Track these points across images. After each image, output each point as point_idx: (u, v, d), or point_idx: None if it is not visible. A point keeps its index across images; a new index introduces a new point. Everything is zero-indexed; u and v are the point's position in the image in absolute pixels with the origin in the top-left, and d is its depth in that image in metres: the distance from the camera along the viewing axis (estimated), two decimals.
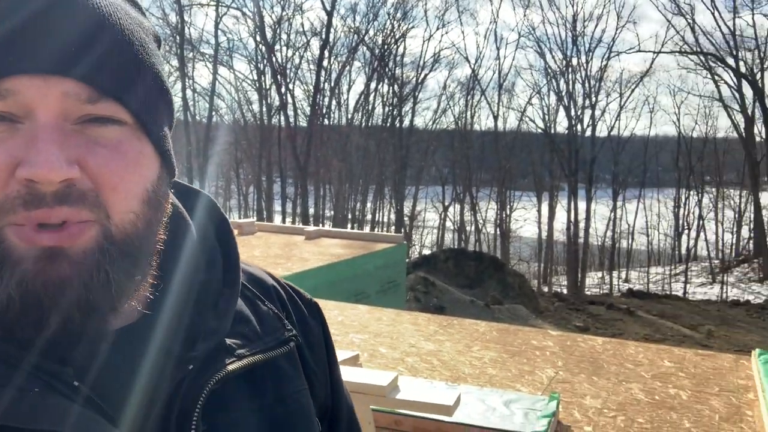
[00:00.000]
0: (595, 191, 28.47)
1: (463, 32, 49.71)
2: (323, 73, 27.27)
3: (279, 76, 26.20)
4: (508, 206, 29.92)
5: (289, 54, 27.21)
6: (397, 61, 29.34)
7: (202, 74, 45.85)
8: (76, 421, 0.54)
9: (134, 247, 0.60)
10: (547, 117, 29.13)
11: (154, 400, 0.61)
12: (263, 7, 25.56)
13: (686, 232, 32.55)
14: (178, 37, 24.61)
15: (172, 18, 25.73)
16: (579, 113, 28.00)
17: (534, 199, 30.59)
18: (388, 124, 29.68)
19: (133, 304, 0.62)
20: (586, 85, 28.28)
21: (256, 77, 27.67)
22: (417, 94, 29.99)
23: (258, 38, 26.19)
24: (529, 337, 4.44)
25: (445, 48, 36.03)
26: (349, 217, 29.94)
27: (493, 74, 35.60)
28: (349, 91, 30.55)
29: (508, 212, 29.84)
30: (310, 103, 26.95)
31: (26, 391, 0.54)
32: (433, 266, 14.08)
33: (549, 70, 28.98)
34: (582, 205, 27.24)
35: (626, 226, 32.53)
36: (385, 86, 29.86)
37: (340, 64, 28.78)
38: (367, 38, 28.70)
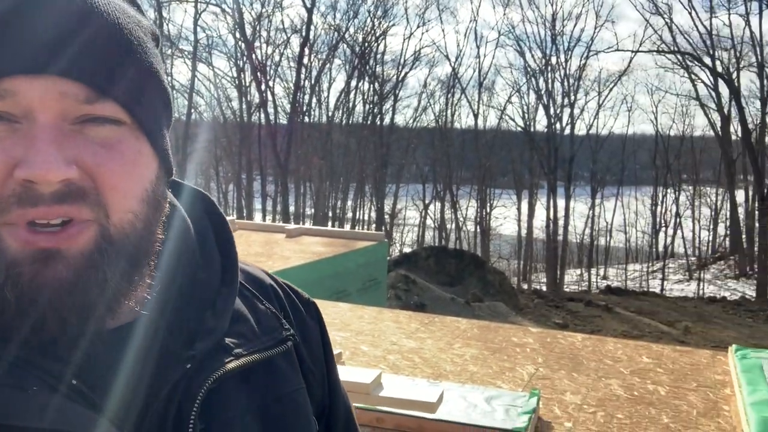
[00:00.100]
0: (574, 189, 28.71)
1: (443, 30, 49.94)
2: (303, 70, 27.19)
3: (259, 73, 26.07)
4: (488, 204, 30.06)
5: (269, 51, 27.10)
6: (378, 59, 29.35)
7: (180, 71, 45.44)
8: (74, 419, 0.54)
9: (132, 247, 0.60)
10: (526, 115, 29.31)
11: (151, 399, 0.61)
12: (243, 4, 25.45)
13: (663, 229, 32.94)
14: None
15: (150, 14, 25.49)
16: (558, 112, 28.20)
17: (514, 197, 30.77)
18: (369, 122, 29.67)
19: (130, 304, 0.62)
20: (565, 83, 28.49)
21: (235, 74, 27.51)
22: (397, 92, 30.02)
23: (237, 35, 26.05)
24: (509, 334, 4.47)
25: (426, 46, 36.19)
26: (330, 215, 29.89)
27: (474, 72, 35.75)
28: (329, 88, 30.49)
29: (488, 210, 29.97)
30: (291, 100, 26.86)
31: (25, 390, 0.54)
32: (413, 264, 14.12)
33: (528, 69, 29.16)
34: (561, 203, 27.45)
35: (604, 223, 32.86)
36: (366, 84, 29.86)
37: (321, 62, 28.72)
38: (348, 36, 28.67)
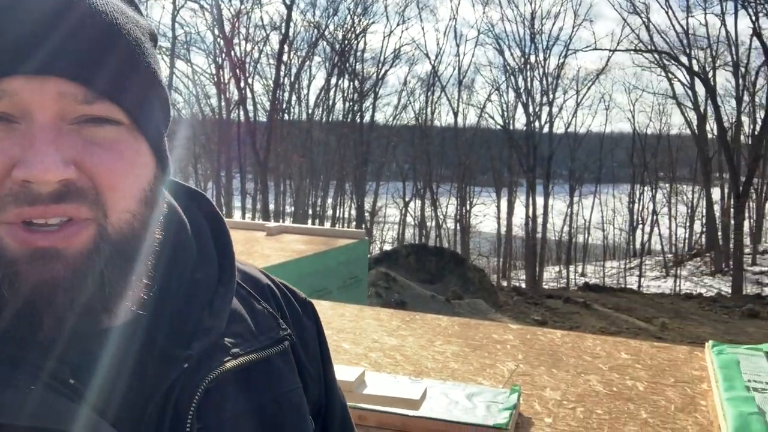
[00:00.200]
0: (553, 187, 28.92)
1: (423, 28, 50.07)
2: (283, 67, 27.07)
3: (238, 70, 25.92)
4: (468, 202, 30.19)
5: (248, 48, 26.95)
6: (358, 56, 29.33)
7: None
8: (72, 418, 0.55)
9: (130, 247, 0.60)
10: (506, 113, 29.48)
11: (149, 399, 0.61)
12: (221, 0, 25.25)
13: (640, 226, 33.33)
14: None
15: None
16: (537, 110, 28.40)
17: (493, 194, 30.94)
18: (349, 120, 29.64)
19: (128, 304, 0.62)
20: (544, 82, 28.69)
21: (214, 71, 27.32)
22: (377, 89, 30.04)
23: (216, 31, 25.87)
24: (490, 331, 4.50)
25: (406, 44, 36.14)
26: (310, 212, 29.82)
27: (453, 71, 35.81)
28: (309, 86, 30.42)
29: (468, 208, 30.10)
30: (270, 97, 26.74)
31: (23, 389, 0.54)
32: (394, 262, 14.13)
33: (508, 67, 29.32)
34: (540, 201, 27.65)
35: (583, 221, 33.18)
36: (346, 82, 29.82)
37: (300, 59, 28.63)
38: (327, 33, 28.60)
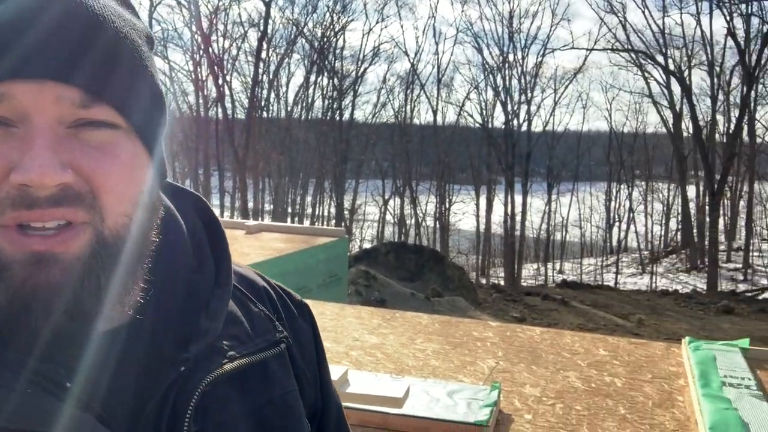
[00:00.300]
0: (531, 185, 29.11)
1: (402, 26, 50.00)
2: (261, 65, 26.93)
3: (216, 67, 25.73)
4: (447, 200, 30.28)
5: (226, 45, 26.77)
6: (337, 54, 29.27)
7: None
8: (68, 422, 0.54)
9: (127, 251, 0.60)
10: (484, 112, 29.61)
11: (145, 402, 0.61)
12: None
13: (617, 224, 33.68)
14: None
15: None
16: (515, 108, 28.55)
17: (472, 192, 31.06)
18: (328, 117, 29.57)
19: (124, 307, 0.62)
20: (522, 81, 28.86)
21: (191, 68, 27.09)
22: (357, 87, 30.00)
23: (194, 28, 25.65)
24: (470, 328, 4.52)
25: (385, 42, 36.03)
26: (289, 210, 29.72)
27: (432, 69, 35.84)
28: (288, 83, 30.30)
29: (447, 206, 30.20)
30: (249, 95, 26.58)
31: (19, 392, 0.54)
32: (374, 260, 14.14)
33: (486, 66, 29.44)
34: (518, 199, 27.81)
35: (560, 218, 33.46)
36: (325, 79, 29.75)
37: (279, 56, 28.50)
38: (306, 30, 28.51)
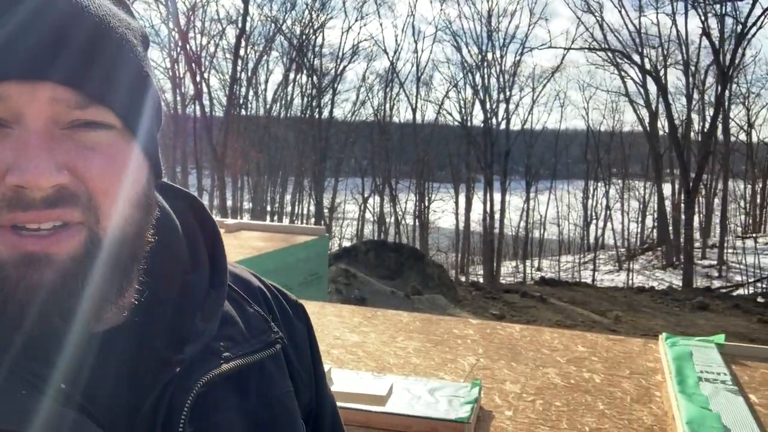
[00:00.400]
0: (510, 183, 29.28)
1: (381, 25, 49.97)
2: (240, 62, 26.77)
3: (193, 64, 25.53)
4: (427, 198, 30.34)
5: (204, 42, 26.57)
6: (316, 51, 29.17)
7: None
8: (62, 423, 0.54)
9: (122, 252, 0.60)
10: (463, 110, 29.71)
11: (140, 403, 0.61)
12: None
13: (594, 221, 33.99)
14: None
15: None
16: (494, 107, 28.68)
17: (452, 190, 31.16)
18: (307, 115, 29.47)
19: (119, 308, 0.62)
20: (501, 79, 29.00)
21: (169, 65, 26.84)
22: (336, 85, 29.91)
23: (171, 25, 25.42)
24: (450, 326, 4.54)
25: (364, 40, 36.01)
26: (268, 209, 29.59)
27: (412, 67, 35.91)
28: (267, 81, 30.16)
29: (426, 204, 30.26)
30: (227, 92, 26.41)
31: (13, 394, 0.54)
32: (353, 258, 14.13)
33: (465, 64, 29.54)
34: (497, 197, 27.96)
35: (539, 216, 33.69)
36: (304, 77, 29.64)
37: (258, 54, 28.35)
38: (285, 28, 28.38)
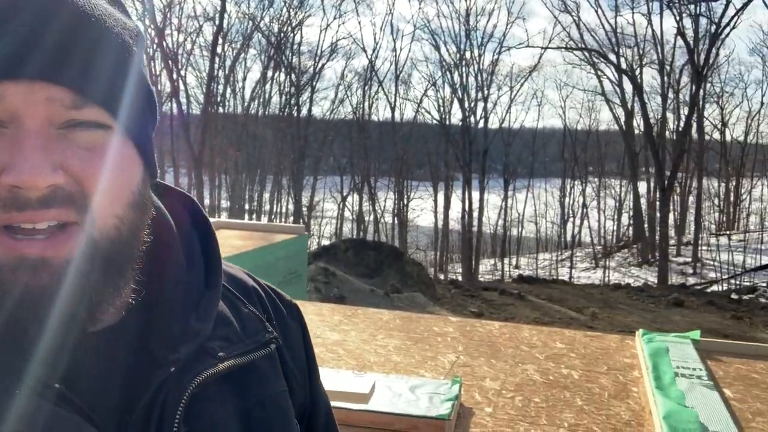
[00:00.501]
0: (488, 181, 29.42)
1: (359, 23, 49.94)
2: (217, 59, 26.58)
3: (170, 61, 25.29)
4: (406, 196, 30.38)
5: (181, 39, 26.35)
6: (294, 49, 29.06)
7: None
8: (56, 423, 0.54)
9: (118, 253, 0.60)
10: (442, 109, 29.79)
11: (134, 402, 0.61)
12: None
13: (571, 219, 34.29)
14: None
15: None
16: (472, 105, 28.80)
17: (430, 189, 31.23)
18: (286, 113, 29.35)
19: (115, 309, 0.62)
20: (479, 78, 29.12)
21: (145, 62, 26.54)
22: (314, 83, 29.83)
23: (147, 21, 25.15)
24: (430, 324, 4.56)
25: (343, 38, 35.88)
26: (247, 207, 29.43)
27: (390, 65, 35.85)
28: (244, 79, 29.97)
29: (405, 202, 30.29)
30: (204, 90, 26.22)
31: (6, 393, 0.54)
32: (332, 256, 14.11)
33: (444, 63, 29.61)
34: (476, 195, 28.08)
35: (516, 214, 33.90)
36: (282, 75, 29.52)
37: (235, 51, 28.17)
38: (263, 25, 28.23)
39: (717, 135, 31.72)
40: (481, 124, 28.95)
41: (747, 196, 33.65)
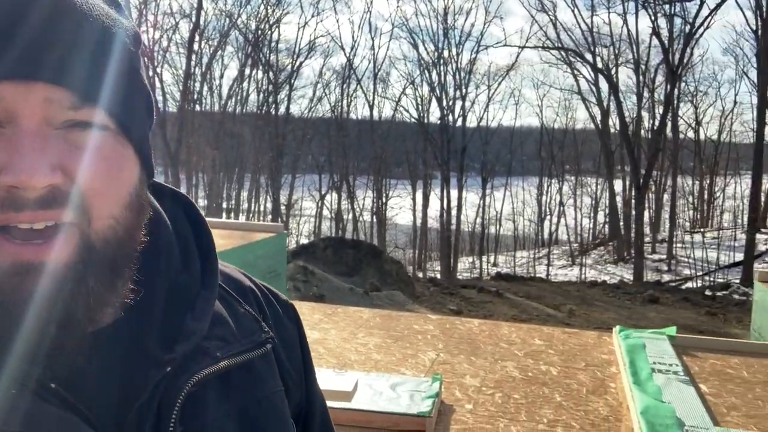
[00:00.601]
0: (466, 179, 29.55)
1: (338, 21, 49.81)
2: (194, 57, 26.36)
3: (146, 58, 24.95)
4: (384, 194, 30.40)
5: (157, 36, 26.08)
6: (272, 47, 28.92)
7: None
8: (53, 423, 0.54)
9: (115, 254, 0.60)
10: (420, 107, 29.86)
11: (131, 402, 0.61)
12: None
13: (548, 217, 34.59)
14: None
15: None
16: (450, 104, 28.90)
17: (409, 187, 31.28)
18: (264, 111, 29.20)
19: (112, 309, 0.62)
20: (457, 76, 29.23)
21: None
22: (292, 81, 29.70)
23: None
24: (410, 322, 4.58)
25: (320, 36, 35.91)
26: (224, 206, 29.24)
27: (369, 64, 35.90)
28: (221, 76, 29.76)
29: (384, 200, 30.31)
30: (181, 88, 26.00)
31: (3, 394, 0.54)
32: (311, 255, 14.08)
33: (422, 62, 29.66)
34: (454, 193, 28.19)
35: (494, 212, 34.09)
36: (260, 73, 29.36)
37: (212, 49, 27.95)
38: (240, 22, 28.04)
39: (691, 134, 32.22)
40: (459, 123, 29.08)
41: (720, 193, 34.19)
